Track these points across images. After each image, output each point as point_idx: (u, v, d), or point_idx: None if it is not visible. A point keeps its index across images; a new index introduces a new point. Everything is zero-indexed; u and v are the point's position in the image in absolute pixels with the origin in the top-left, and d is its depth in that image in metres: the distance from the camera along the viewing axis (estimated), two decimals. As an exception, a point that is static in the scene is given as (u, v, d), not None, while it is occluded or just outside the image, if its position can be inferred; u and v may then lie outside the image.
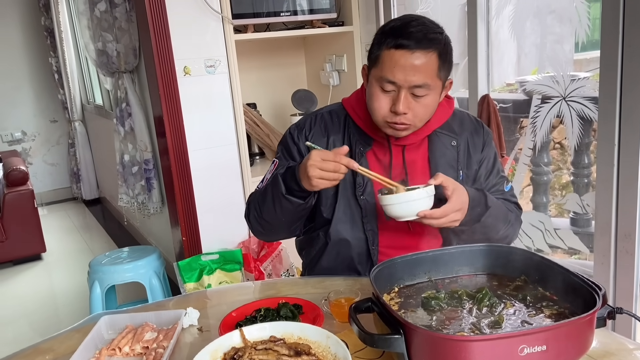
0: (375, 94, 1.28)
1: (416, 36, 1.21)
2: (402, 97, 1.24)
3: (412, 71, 1.22)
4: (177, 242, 2.90)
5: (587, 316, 0.83)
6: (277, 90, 3.30)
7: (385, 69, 1.23)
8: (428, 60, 1.22)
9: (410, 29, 1.22)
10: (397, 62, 1.22)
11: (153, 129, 3.02)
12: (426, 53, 1.22)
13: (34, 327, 3.07)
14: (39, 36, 5.34)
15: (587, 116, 2.11)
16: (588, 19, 2.04)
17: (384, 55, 1.24)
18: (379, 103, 1.27)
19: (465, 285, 1.09)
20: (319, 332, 1.00)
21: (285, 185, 1.27)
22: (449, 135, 1.41)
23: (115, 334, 1.18)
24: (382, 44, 1.25)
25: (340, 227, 1.41)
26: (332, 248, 1.44)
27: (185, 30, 2.57)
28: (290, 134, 1.45)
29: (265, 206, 1.35)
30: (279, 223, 1.38)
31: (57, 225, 4.95)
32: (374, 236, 1.40)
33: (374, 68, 1.28)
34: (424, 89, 1.24)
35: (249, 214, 1.43)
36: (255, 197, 1.40)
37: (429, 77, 1.23)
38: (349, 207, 1.40)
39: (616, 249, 1.86)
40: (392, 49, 1.22)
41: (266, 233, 1.45)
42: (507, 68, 2.67)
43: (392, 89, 1.25)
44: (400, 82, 1.23)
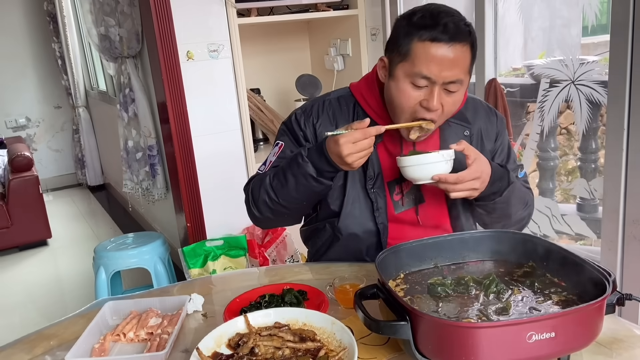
0: (405, 90, 1.21)
1: (451, 28, 1.14)
2: (436, 93, 1.18)
3: (449, 66, 1.16)
4: (181, 228, 2.90)
5: (597, 302, 0.82)
6: (281, 75, 3.28)
7: (419, 63, 1.16)
8: (463, 53, 1.17)
9: (443, 20, 1.15)
10: (434, 56, 1.15)
11: (157, 114, 3.00)
12: (462, 46, 1.16)
13: (41, 313, 3.09)
14: (41, 21, 5.31)
15: (596, 100, 2.08)
16: (598, 2, 2.01)
17: (416, 48, 1.16)
18: (409, 100, 1.21)
19: (472, 272, 1.08)
20: (324, 319, 0.99)
21: (315, 168, 1.22)
22: (461, 125, 1.37)
23: (119, 319, 1.18)
24: (412, 36, 1.17)
25: (349, 221, 1.38)
26: (341, 242, 1.40)
27: (188, 15, 2.54)
28: (296, 120, 1.40)
29: (285, 190, 1.28)
30: (296, 207, 1.34)
31: (63, 211, 4.96)
32: (385, 229, 1.37)
33: (402, 62, 1.20)
34: (457, 84, 1.19)
35: (255, 199, 1.35)
36: (266, 180, 1.32)
37: (463, 72, 1.19)
38: (359, 201, 1.36)
39: (624, 234, 1.84)
40: (427, 42, 1.15)
41: (276, 219, 1.39)
42: (514, 52, 2.64)
43: (425, 85, 1.19)
44: (436, 77, 1.16)
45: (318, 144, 1.23)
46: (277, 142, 1.41)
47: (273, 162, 1.38)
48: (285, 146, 1.39)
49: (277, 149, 1.40)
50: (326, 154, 1.19)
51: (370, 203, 1.36)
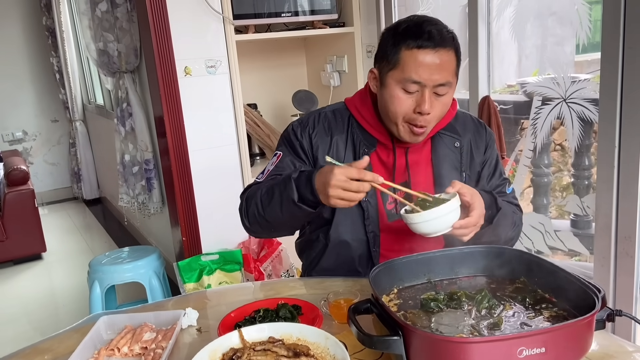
0: (397, 97, 1.26)
1: (435, 35, 1.21)
2: (427, 97, 1.24)
3: (437, 69, 1.22)
4: (177, 242, 2.90)
5: (586, 318, 0.83)
6: (278, 90, 3.30)
7: (409, 69, 1.22)
8: (449, 58, 1.24)
9: (427, 28, 1.22)
10: (422, 61, 1.21)
11: (154, 129, 3.02)
12: (447, 51, 1.23)
13: (34, 327, 3.07)
14: (40, 36, 5.35)
15: (588, 118, 2.10)
16: (589, 20, 2.04)
17: (404, 56, 1.23)
18: (402, 106, 1.26)
19: (465, 287, 1.09)
20: (318, 333, 0.99)
21: (298, 192, 1.22)
22: (452, 137, 1.40)
23: (114, 334, 1.18)
24: (399, 45, 1.23)
25: (341, 229, 1.40)
26: (332, 250, 1.43)
27: (186, 31, 2.57)
28: (293, 131, 1.43)
29: (271, 207, 1.29)
30: (281, 225, 1.35)
31: (58, 224, 4.95)
32: (376, 238, 1.39)
33: (392, 71, 1.25)
34: (446, 87, 1.25)
35: (247, 209, 1.36)
36: (258, 193, 1.33)
37: (451, 75, 1.25)
38: (350, 209, 1.36)
39: (616, 251, 1.86)
40: (414, 49, 1.22)
41: (264, 232, 1.41)
42: (508, 69, 2.67)
43: (416, 90, 1.24)
44: (426, 81, 1.22)
45: (309, 171, 1.23)
46: (276, 152, 1.44)
47: (271, 172, 1.40)
48: (283, 155, 1.42)
49: (276, 158, 1.42)
50: (312, 182, 1.19)
51: (361, 211, 1.38)
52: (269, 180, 1.38)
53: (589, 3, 2.04)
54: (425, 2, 2.68)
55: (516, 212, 1.43)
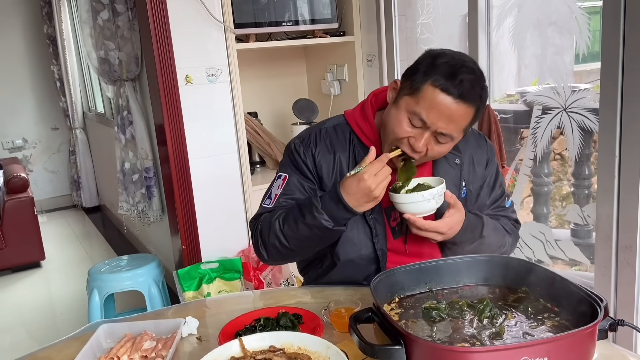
0: (401, 122, 1.24)
1: (465, 87, 1.17)
2: (424, 138, 1.22)
3: (447, 119, 1.19)
4: (176, 250, 2.90)
5: (588, 328, 0.83)
6: (278, 99, 3.31)
7: (422, 105, 1.20)
8: (466, 113, 1.20)
9: (462, 75, 1.18)
10: (438, 105, 1.18)
11: (154, 137, 3.02)
12: (467, 107, 1.19)
13: (32, 335, 3.05)
14: (41, 44, 5.37)
15: (588, 127, 2.11)
16: (588, 30, 2.05)
17: (426, 90, 1.19)
18: (399, 130, 1.24)
19: (466, 296, 1.08)
20: (319, 342, 0.99)
21: (331, 218, 1.22)
22: (452, 154, 1.38)
23: (113, 342, 1.17)
24: (428, 77, 1.19)
25: (348, 247, 1.38)
26: (339, 269, 1.40)
27: (187, 39, 2.58)
28: (295, 150, 1.40)
29: (298, 238, 1.28)
30: (308, 252, 1.36)
31: (57, 232, 4.94)
32: (384, 255, 1.38)
33: (409, 97, 1.22)
34: (447, 137, 1.23)
35: (264, 242, 1.34)
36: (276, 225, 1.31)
37: (457, 130, 1.22)
38: (357, 227, 1.36)
39: (617, 260, 1.85)
40: (438, 89, 1.18)
41: (285, 260, 1.42)
42: (508, 79, 2.68)
43: (420, 126, 1.22)
44: (431, 124, 1.20)
45: (331, 192, 1.23)
46: (280, 175, 1.41)
47: (279, 196, 1.37)
48: (289, 177, 1.39)
49: (281, 181, 1.39)
50: (343, 201, 1.20)
51: (369, 229, 1.37)
52: (280, 205, 1.36)
53: (588, 13, 2.05)
54: (426, 12, 2.69)
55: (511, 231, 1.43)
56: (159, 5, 2.48)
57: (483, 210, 1.42)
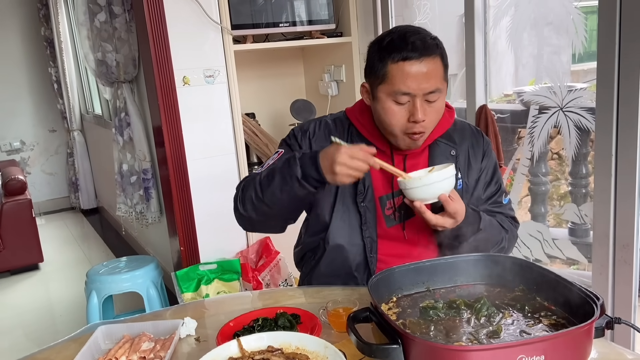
0: (390, 109, 1.28)
1: (418, 45, 1.24)
2: (419, 106, 1.26)
3: (425, 79, 1.24)
4: (175, 251, 2.89)
5: (585, 326, 0.83)
6: (276, 100, 3.31)
7: (397, 82, 1.25)
8: (435, 65, 1.26)
9: (410, 39, 1.24)
10: (409, 73, 1.24)
11: (152, 138, 3.02)
12: (433, 59, 1.25)
13: (31, 338, 3.05)
14: (38, 46, 5.37)
15: (585, 127, 2.12)
16: (585, 30, 2.06)
17: (391, 69, 1.25)
18: (396, 117, 1.28)
19: (464, 295, 1.09)
20: (317, 342, 0.99)
21: (302, 171, 1.24)
22: (448, 145, 1.42)
23: (112, 344, 1.17)
24: (385, 59, 1.26)
25: (337, 233, 1.41)
26: (329, 254, 1.44)
27: (184, 41, 2.59)
28: (294, 135, 1.46)
29: (271, 189, 1.30)
30: (278, 210, 1.34)
31: (55, 235, 4.93)
32: (372, 244, 1.40)
33: (382, 85, 1.28)
34: (436, 93, 1.27)
35: (243, 195, 1.37)
36: (257, 178, 1.34)
37: (439, 81, 1.27)
38: (347, 214, 1.40)
39: (614, 259, 1.86)
40: (400, 62, 1.24)
41: (258, 219, 1.39)
42: (505, 79, 2.69)
43: (407, 100, 1.27)
44: (415, 91, 1.25)
45: (314, 151, 1.27)
46: (277, 151, 1.46)
47: (270, 165, 1.40)
48: (284, 153, 1.43)
49: (277, 155, 1.43)
50: (317, 161, 1.23)
51: (359, 217, 1.39)
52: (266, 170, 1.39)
53: (584, 13, 2.06)
54: (422, 12, 2.70)
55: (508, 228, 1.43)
56: (156, 7, 2.48)
57: (479, 205, 1.44)
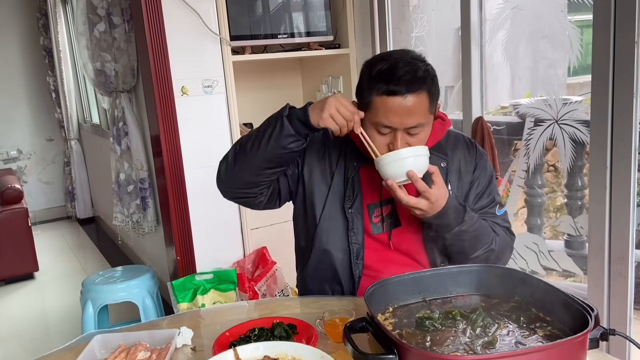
0: (373, 136, 1.30)
1: (405, 79, 1.23)
2: (399, 138, 1.27)
3: (407, 114, 1.25)
4: (171, 261, 2.89)
5: (579, 337, 0.83)
6: (274, 110, 3.26)
7: (380, 115, 1.26)
8: (420, 101, 1.25)
9: (398, 72, 1.23)
10: (391, 108, 1.24)
11: (149, 148, 3.03)
12: (418, 95, 1.24)
13: (26, 347, 3.03)
14: (37, 55, 5.38)
15: (580, 139, 2.13)
16: (580, 44, 2.08)
17: (376, 101, 1.26)
18: (377, 144, 1.30)
19: (460, 306, 1.09)
20: (314, 352, 0.99)
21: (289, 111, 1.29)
22: (439, 157, 1.41)
23: (107, 353, 1.17)
24: (372, 89, 1.26)
25: (324, 237, 1.43)
26: (315, 257, 1.45)
27: (183, 51, 2.60)
28: None
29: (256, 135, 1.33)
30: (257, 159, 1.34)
31: (51, 244, 4.91)
32: (359, 250, 1.41)
33: (367, 112, 1.30)
34: (418, 128, 1.28)
35: (227, 153, 1.43)
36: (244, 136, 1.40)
37: (422, 117, 1.27)
38: (334, 219, 1.42)
39: (610, 271, 1.87)
40: (384, 96, 1.24)
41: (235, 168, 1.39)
42: (501, 91, 2.71)
43: (388, 131, 1.28)
44: (396, 125, 1.26)
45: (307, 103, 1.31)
46: None
47: None
48: None
49: None
50: (306, 107, 1.28)
51: (346, 222, 1.41)
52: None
53: (579, 27, 2.09)
54: (419, 25, 2.72)
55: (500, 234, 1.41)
56: (155, 17, 2.50)
57: None
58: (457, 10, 2.34)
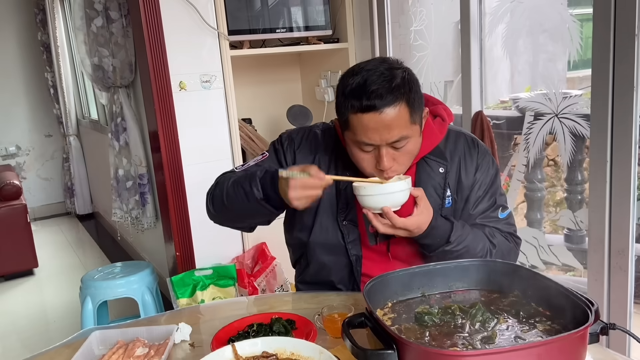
0: (357, 155, 1.25)
1: (379, 93, 1.15)
2: (384, 154, 1.21)
3: (386, 130, 1.17)
4: (170, 257, 2.89)
5: (579, 331, 0.83)
6: (273, 105, 3.32)
7: (359, 133, 1.19)
8: (398, 113, 1.17)
9: (371, 87, 1.16)
10: (368, 125, 1.17)
11: (148, 143, 3.02)
12: (394, 108, 1.16)
13: (25, 343, 3.03)
14: (35, 51, 5.36)
15: (580, 133, 2.13)
16: (580, 38, 2.07)
17: (352, 120, 1.19)
18: (364, 163, 1.25)
19: (459, 301, 1.09)
20: (312, 348, 0.99)
21: (264, 192, 1.24)
22: (437, 162, 1.36)
23: (106, 349, 1.17)
24: (347, 108, 1.20)
25: (318, 251, 1.40)
26: (311, 270, 1.44)
27: (181, 46, 2.59)
28: (281, 142, 1.44)
29: (237, 200, 1.30)
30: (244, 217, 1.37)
31: (50, 240, 4.91)
32: (358, 260, 1.38)
33: (346, 131, 1.24)
34: (402, 141, 1.21)
35: (213, 195, 1.38)
36: (227, 183, 1.34)
37: (404, 129, 1.19)
38: (327, 232, 1.38)
39: (610, 265, 1.86)
40: (359, 113, 1.17)
41: (226, 222, 1.42)
42: (501, 85, 2.70)
43: (372, 149, 1.22)
44: (378, 142, 1.19)
45: (274, 172, 1.24)
46: (264, 152, 1.46)
47: (250, 167, 1.41)
48: (268, 157, 1.43)
49: (261, 157, 1.43)
50: (276, 185, 1.21)
51: (340, 234, 1.38)
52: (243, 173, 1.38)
53: (579, 20, 2.07)
54: (418, 19, 2.71)
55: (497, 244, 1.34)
56: (152, 12, 2.48)
57: (469, 218, 1.37)
58: (457, 3, 2.33)
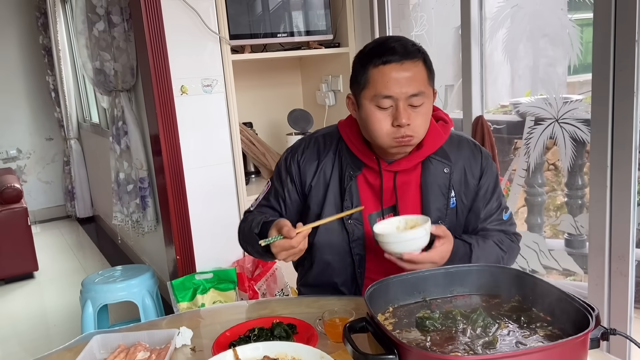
0: (373, 115, 1.27)
1: (399, 49, 1.25)
2: (402, 109, 1.24)
3: (406, 81, 1.24)
4: (171, 260, 2.89)
5: (580, 337, 0.83)
6: (274, 109, 3.32)
7: (379, 86, 1.25)
8: (417, 68, 1.25)
9: (391, 44, 1.26)
10: (390, 76, 1.24)
11: (149, 147, 3.02)
12: (414, 62, 1.25)
13: (25, 347, 3.03)
14: (36, 55, 5.37)
15: (580, 138, 2.13)
16: (580, 42, 2.08)
17: (373, 74, 1.26)
18: (380, 123, 1.27)
19: (460, 306, 1.09)
20: (313, 352, 0.99)
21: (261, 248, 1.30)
22: (442, 162, 1.38)
23: (107, 353, 1.17)
24: (367, 65, 1.27)
25: (323, 250, 1.41)
26: (316, 269, 1.45)
27: (182, 50, 2.60)
28: (284, 160, 1.47)
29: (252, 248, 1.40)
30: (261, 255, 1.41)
31: (50, 243, 4.91)
32: (361, 260, 1.39)
33: (364, 90, 1.28)
34: (420, 97, 1.26)
35: (241, 242, 1.48)
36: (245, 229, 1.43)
37: (422, 85, 1.26)
38: (332, 232, 1.39)
39: (610, 270, 1.86)
40: (380, 66, 1.24)
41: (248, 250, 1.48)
42: (501, 90, 2.71)
43: (390, 105, 1.25)
44: (397, 94, 1.24)
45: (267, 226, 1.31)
46: (268, 182, 1.50)
47: (260, 201, 1.48)
48: (271, 186, 1.48)
49: (266, 188, 1.49)
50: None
51: (346, 234, 1.39)
52: (259, 210, 1.47)
53: (580, 25, 2.08)
54: (419, 24, 2.72)
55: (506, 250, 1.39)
56: (154, 17, 2.49)
57: (476, 222, 1.40)
58: (457, 8, 2.34)
